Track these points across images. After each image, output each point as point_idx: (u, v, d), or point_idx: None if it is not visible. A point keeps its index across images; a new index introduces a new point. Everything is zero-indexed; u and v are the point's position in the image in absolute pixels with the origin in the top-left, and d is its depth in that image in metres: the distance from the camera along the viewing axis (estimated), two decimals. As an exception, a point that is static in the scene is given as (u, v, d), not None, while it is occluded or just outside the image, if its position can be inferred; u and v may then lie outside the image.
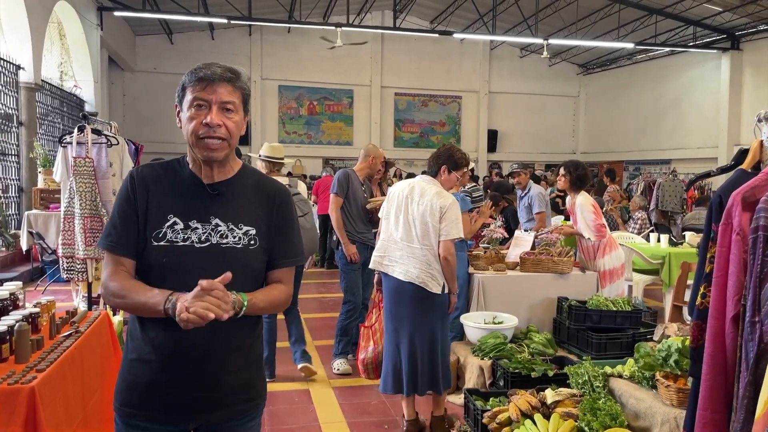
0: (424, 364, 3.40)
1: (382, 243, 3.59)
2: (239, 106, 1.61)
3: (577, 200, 4.87)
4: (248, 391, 1.70)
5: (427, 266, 3.37)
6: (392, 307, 3.51)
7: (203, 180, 1.64)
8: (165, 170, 1.68)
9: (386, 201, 3.65)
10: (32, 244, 7.60)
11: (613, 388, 2.95)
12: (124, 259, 1.60)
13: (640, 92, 18.40)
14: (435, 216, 3.36)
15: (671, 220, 10.48)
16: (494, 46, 19.78)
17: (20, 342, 2.35)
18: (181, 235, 1.59)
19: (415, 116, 19.96)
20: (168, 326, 1.54)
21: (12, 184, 8.91)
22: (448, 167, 3.54)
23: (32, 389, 2.09)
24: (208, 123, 1.54)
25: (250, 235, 1.64)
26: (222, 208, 1.63)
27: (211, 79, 1.55)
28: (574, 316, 4.24)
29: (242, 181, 1.69)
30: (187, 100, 1.57)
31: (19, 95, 8.96)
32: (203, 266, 1.57)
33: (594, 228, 4.71)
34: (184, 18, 14.00)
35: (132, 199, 1.61)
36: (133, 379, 1.63)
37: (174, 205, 1.61)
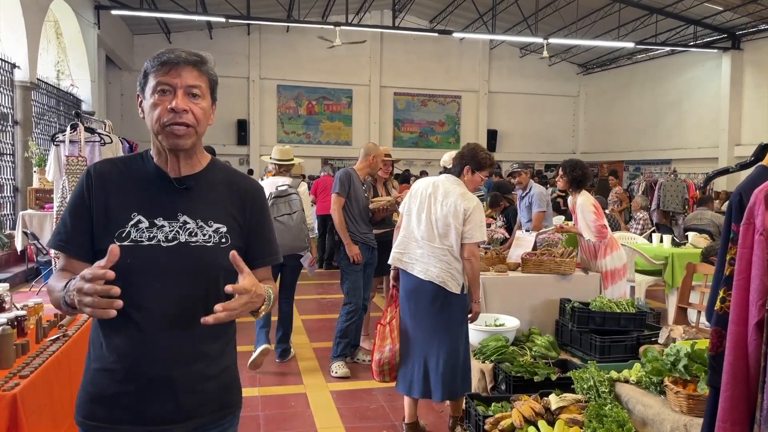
0: (446, 367, 3.32)
1: (402, 239, 3.52)
2: (206, 91, 1.50)
3: (577, 200, 4.78)
4: (222, 398, 1.59)
5: (447, 266, 3.32)
6: (411, 305, 3.44)
7: (169, 174, 1.52)
8: (126, 165, 1.56)
9: (408, 197, 3.58)
10: (27, 244, 7.51)
11: (619, 394, 2.86)
12: (74, 261, 1.48)
13: (640, 92, 18.32)
14: (458, 218, 3.31)
15: (673, 220, 10.40)
16: (494, 45, 19.71)
17: (3, 347, 2.26)
18: (146, 233, 1.47)
19: (414, 116, 19.88)
20: (132, 332, 1.45)
21: (7, 183, 8.81)
22: (471, 168, 3.47)
23: (14, 396, 2.00)
24: (173, 108, 1.43)
25: (221, 232, 1.53)
26: (190, 204, 1.52)
27: (175, 63, 1.45)
28: (577, 318, 4.14)
29: (211, 176, 1.58)
30: (150, 86, 1.46)
31: (14, 94, 8.86)
32: (171, 267, 1.46)
33: (595, 229, 4.62)
34: (182, 17, 13.91)
35: (86, 198, 1.49)
36: (96, 390, 1.50)
37: (137, 201, 1.49)
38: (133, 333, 1.45)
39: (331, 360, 4.66)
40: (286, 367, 4.77)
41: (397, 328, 3.56)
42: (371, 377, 4.53)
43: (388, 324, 3.63)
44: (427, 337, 3.37)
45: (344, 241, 4.55)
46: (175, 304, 1.48)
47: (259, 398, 4.07)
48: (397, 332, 3.55)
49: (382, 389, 4.35)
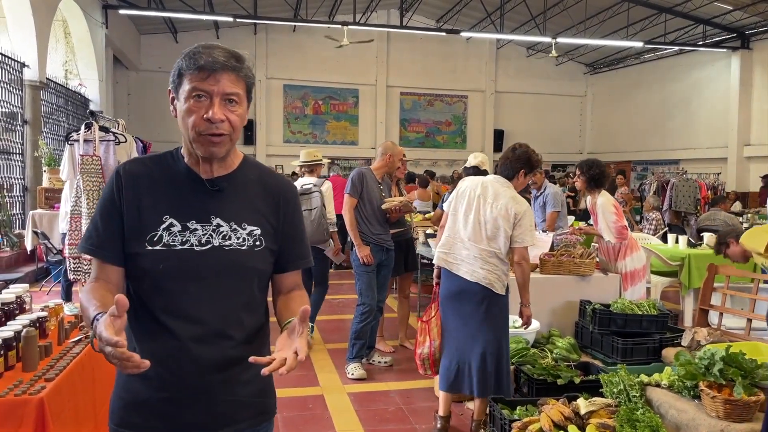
0: (490, 367, 3.31)
1: (447, 239, 3.48)
2: (243, 97, 1.43)
3: (597, 201, 4.71)
4: (258, 404, 1.55)
5: (493, 267, 3.31)
6: (456, 305, 3.42)
7: (201, 175, 1.46)
8: (157, 165, 1.49)
9: (454, 197, 3.55)
10: (37, 244, 7.48)
11: (650, 398, 2.80)
12: (107, 266, 1.44)
13: (648, 92, 18.23)
14: (509, 221, 3.29)
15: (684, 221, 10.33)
16: (501, 45, 19.63)
17: (28, 349, 2.22)
18: (178, 237, 1.41)
19: (420, 116, 19.81)
20: (167, 338, 1.40)
21: (16, 182, 8.79)
22: (525, 171, 3.45)
23: (41, 400, 1.96)
24: (209, 118, 1.36)
25: (254, 235, 1.47)
26: (223, 207, 1.46)
27: (212, 69, 1.36)
28: (599, 320, 4.10)
29: (244, 175, 1.52)
30: (185, 89, 1.38)
31: (23, 93, 8.84)
32: (204, 271, 1.42)
33: (615, 230, 4.56)
34: (189, 16, 13.87)
35: (117, 200, 1.44)
36: (130, 397, 1.46)
37: (169, 204, 1.44)
38: (167, 339, 1.41)
39: (347, 361, 4.61)
40: (302, 368, 4.72)
41: (437, 324, 3.56)
42: (387, 379, 4.53)
43: (427, 321, 3.64)
44: (472, 336, 3.36)
45: (354, 242, 4.50)
46: (209, 309, 1.43)
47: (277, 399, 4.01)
48: (437, 329, 3.55)
49: (399, 391, 4.31)
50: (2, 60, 8.20)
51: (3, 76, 8.25)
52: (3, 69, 8.24)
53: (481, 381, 3.32)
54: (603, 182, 4.82)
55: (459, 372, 3.40)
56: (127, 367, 1.20)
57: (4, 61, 8.26)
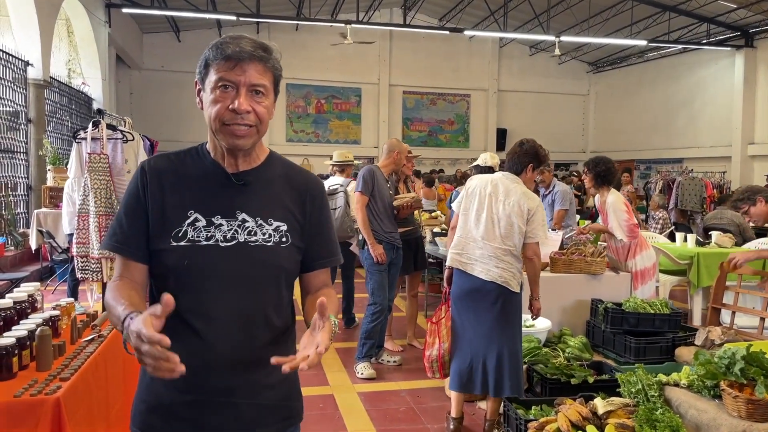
0: (508, 365, 3.29)
1: (459, 240, 3.46)
2: (270, 89, 1.40)
3: (608, 199, 4.67)
4: (284, 409, 1.49)
5: (508, 265, 3.29)
6: (470, 304, 3.39)
7: (227, 169, 1.43)
8: (181, 160, 1.47)
9: (464, 196, 3.52)
10: (42, 243, 7.46)
11: (669, 398, 2.77)
12: (131, 263, 1.41)
13: (652, 90, 18.19)
14: (522, 217, 3.28)
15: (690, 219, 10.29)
16: (503, 44, 19.59)
17: (42, 348, 2.18)
18: (203, 233, 1.38)
19: (423, 115, 19.78)
20: (191, 338, 1.36)
21: (20, 182, 8.77)
22: (533, 165, 3.43)
23: (57, 400, 1.92)
24: (235, 109, 1.34)
25: (281, 231, 1.43)
26: (249, 202, 1.43)
27: (239, 58, 1.34)
28: (611, 319, 4.07)
29: (270, 171, 1.49)
30: (211, 80, 1.36)
31: (27, 92, 8.81)
32: (230, 268, 1.38)
33: (627, 228, 4.52)
34: (192, 15, 13.83)
35: (141, 196, 1.41)
36: (154, 400, 1.42)
37: (194, 199, 1.41)
38: (191, 339, 1.36)
39: (356, 361, 4.58)
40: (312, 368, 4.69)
41: (447, 326, 3.52)
42: (397, 378, 4.50)
43: (437, 322, 3.62)
44: (486, 335, 3.33)
45: (368, 240, 4.47)
46: (235, 308, 1.39)
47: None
48: (447, 331, 3.52)
49: (409, 390, 4.28)
50: (6, 58, 8.17)
51: (7, 75, 8.23)
52: (7, 67, 8.22)
53: (498, 380, 3.30)
54: (610, 179, 4.78)
55: (473, 372, 3.38)
56: (162, 368, 1.14)
57: (8, 60, 8.24)
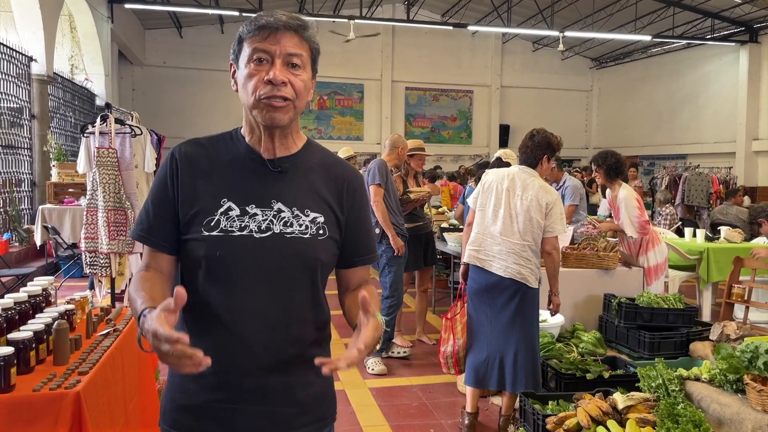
0: (525, 360, 3.27)
1: (476, 236, 3.41)
2: (307, 61, 1.34)
3: (619, 194, 4.60)
4: (319, 409, 1.42)
5: (526, 261, 3.25)
6: (487, 300, 3.36)
7: (263, 154, 1.36)
8: (214, 145, 1.39)
9: (480, 192, 3.46)
10: (47, 238, 7.43)
11: (690, 392, 2.74)
12: (158, 254, 1.35)
13: (655, 86, 18.13)
14: (541, 212, 3.24)
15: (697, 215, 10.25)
16: (506, 39, 19.53)
17: (59, 342, 2.16)
18: (237, 222, 1.31)
19: (426, 111, 19.72)
20: (223, 333, 1.30)
21: (24, 177, 8.73)
22: (548, 156, 3.38)
23: (77, 394, 1.89)
24: (270, 80, 1.27)
25: (318, 223, 1.36)
26: (285, 190, 1.35)
27: (274, 27, 1.28)
28: (624, 314, 4.04)
29: (308, 158, 1.41)
30: (245, 54, 1.30)
31: (31, 87, 8.77)
32: (264, 260, 1.30)
33: (638, 225, 4.47)
34: (194, 11, 13.79)
35: (170, 184, 1.34)
36: (184, 399, 1.35)
37: (228, 187, 1.33)
38: (223, 334, 1.30)
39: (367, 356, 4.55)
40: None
41: (462, 322, 3.49)
42: (408, 374, 4.48)
43: (451, 318, 3.59)
44: (503, 331, 3.31)
45: (389, 233, 4.41)
46: (269, 302, 1.32)
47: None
48: (461, 327, 3.49)
49: (420, 386, 4.26)
50: (10, 54, 8.13)
51: (11, 70, 8.19)
52: (11, 63, 8.18)
53: (514, 376, 3.28)
54: (622, 170, 4.72)
55: (489, 367, 3.35)
56: (186, 365, 1.09)
57: (12, 55, 8.20)
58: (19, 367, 1.98)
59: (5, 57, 7.99)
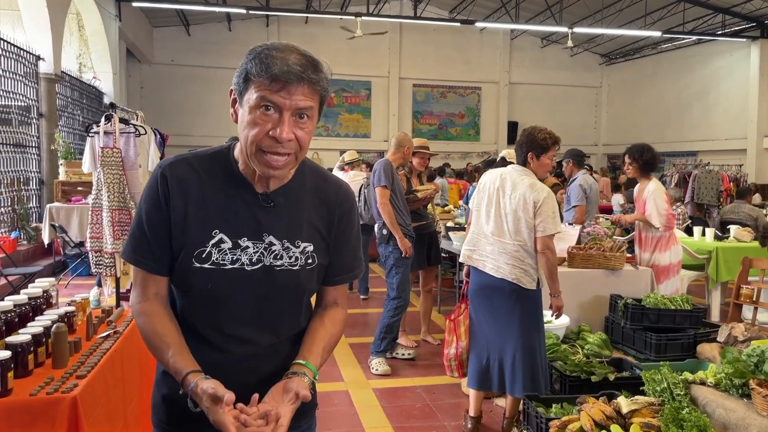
0: (522, 363, 3.21)
1: (472, 236, 3.40)
2: (316, 111, 1.27)
3: (649, 186, 4.60)
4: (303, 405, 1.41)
5: (519, 262, 3.19)
6: (484, 301, 3.33)
7: (256, 188, 1.34)
8: (206, 169, 1.34)
9: (477, 192, 3.45)
10: (54, 237, 7.47)
11: (695, 397, 2.70)
12: (156, 278, 1.35)
13: (665, 83, 17.97)
14: (528, 211, 3.17)
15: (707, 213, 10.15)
16: (515, 36, 19.42)
17: (58, 345, 2.15)
18: (229, 255, 1.30)
19: (433, 108, 19.66)
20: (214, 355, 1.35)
21: (32, 176, 8.78)
22: (534, 153, 3.28)
23: (74, 399, 1.89)
24: (276, 137, 1.21)
25: (307, 252, 1.37)
26: (277, 223, 1.34)
27: (287, 80, 1.19)
28: (631, 315, 3.99)
29: (300, 186, 1.39)
30: (251, 98, 1.21)
31: (39, 86, 8.80)
32: (254, 292, 1.34)
33: (666, 217, 4.45)
34: (202, 8, 13.81)
35: (164, 208, 1.31)
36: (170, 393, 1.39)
37: (219, 218, 1.31)
38: (215, 356, 1.35)
39: (372, 355, 4.54)
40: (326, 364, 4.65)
41: (464, 324, 3.47)
42: (411, 375, 4.45)
43: (454, 320, 3.56)
44: (501, 333, 3.27)
45: (396, 235, 4.39)
46: (259, 329, 1.37)
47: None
48: (464, 328, 3.46)
49: (424, 387, 4.23)
50: (18, 53, 8.16)
51: (18, 69, 8.22)
52: (18, 62, 8.21)
53: (512, 379, 3.24)
54: (655, 166, 4.73)
55: (490, 370, 3.32)
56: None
57: (20, 54, 8.23)
58: (18, 371, 1.98)
59: (13, 56, 8.02)
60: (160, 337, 1.31)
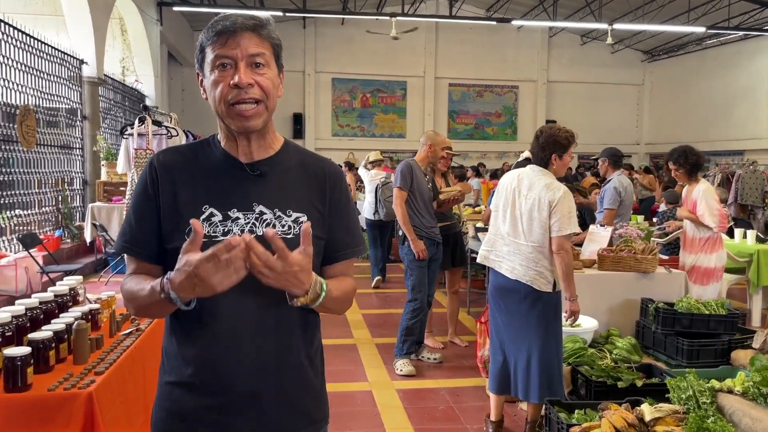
0: (538, 368, 3.16)
1: (489, 237, 3.38)
2: (270, 58, 1.33)
3: (699, 187, 4.51)
4: (312, 412, 1.43)
5: (534, 263, 3.13)
6: (499, 303, 3.30)
7: (240, 159, 1.36)
8: (193, 152, 1.41)
9: (495, 193, 3.43)
10: (96, 236, 7.72)
11: (722, 405, 2.60)
12: (145, 265, 1.36)
13: (710, 79, 17.37)
14: (543, 211, 3.11)
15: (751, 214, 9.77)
16: (553, 33, 19.10)
17: (79, 342, 2.22)
18: (220, 228, 1.32)
19: (469, 107, 19.52)
20: (210, 340, 1.31)
21: (76, 176, 9.09)
22: (558, 154, 3.24)
23: (90, 394, 1.95)
24: (237, 83, 1.27)
25: (300, 222, 1.36)
26: (266, 193, 1.36)
27: (232, 31, 1.28)
28: (662, 320, 3.87)
29: (286, 159, 1.42)
30: (208, 61, 1.30)
31: (82, 90, 9.11)
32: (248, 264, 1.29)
33: (719, 217, 4.34)
34: (240, 11, 14.04)
35: (151, 193, 1.35)
36: (175, 407, 1.35)
37: (208, 192, 1.34)
38: (210, 341, 1.31)
39: (396, 357, 4.53)
40: (350, 363, 4.68)
41: None
42: (437, 376, 4.43)
43: (486, 322, 3.55)
44: (517, 336, 3.23)
45: (409, 236, 4.39)
46: (255, 306, 1.32)
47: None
48: None
49: (449, 389, 4.20)
50: (62, 57, 8.46)
51: (63, 73, 8.53)
52: (63, 66, 8.51)
53: (527, 383, 3.18)
54: (702, 166, 4.63)
55: (507, 373, 3.29)
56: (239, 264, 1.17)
57: (64, 59, 8.53)
58: (39, 366, 2.05)
59: (57, 60, 8.32)
60: (141, 283, 1.30)
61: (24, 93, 7.29)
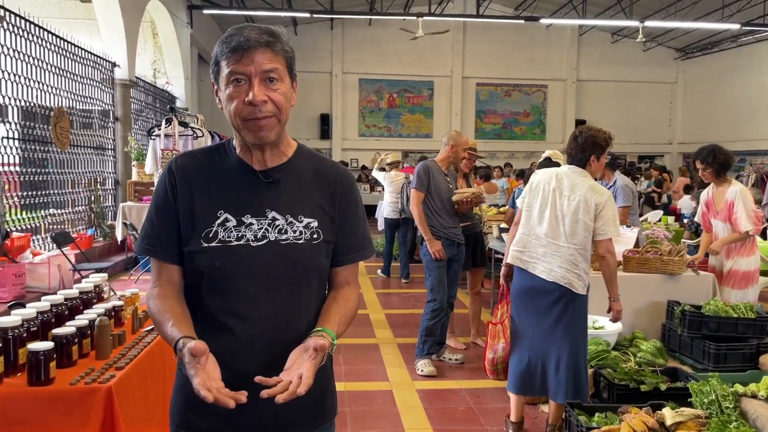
0: (566, 369, 3.14)
1: (521, 237, 3.31)
2: (284, 73, 1.37)
3: (734, 188, 4.34)
4: (320, 406, 1.49)
5: (573, 266, 3.11)
6: (529, 303, 3.26)
7: (254, 166, 1.42)
8: (209, 158, 1.46)
9: (527, 191, 3.37)
10: (127, 234, 7.89)
11: (745, 410, 2.54)
12: (167, 266, 1.43)
13: (746, 77, 16.91)
14: (590, 213, 3.08)
15: (788, 216, 9.46)
16: (583, 31, 18.82)
17: (101, 337, 2.28)
18: (234, 233, 1.38)
19: (497, 107, 19.37)
20: (227, 337, 1.37)
21: (109, 176, 9.31)
22: (596, 155, 3.22)
23: (109, 389, 2.00)
24: (251, 101, 1.31)
25: (312, 228, 1.42)
26: (279, 199, 1.41)
27: (245, 47, 1.31)
28: (688, 323, 3.80)
29: (299, 165, 1.47)
30: (223, 75, 1.34)
31: (114, 92, 9.32)
32: (261, 267, 1.38)
33: (756, 218, 4.22)
34: (268, 14, 14.19)
35: (171, 197, 1.41)
36: (191, 397, 1.38)
37: (223, 198, 1.40)
38: (228, 339, 1.38)
39: (417, 358, 4.53)
40: (371, 363, 4.70)
41: (509, 326, 3.42)
42: (458, 377, 4.41)
43: (500, 323, 3.51)
44: (546, 337, 3.20)
45: (425, 236, 4.38)
46: (269, 307, 1.39)
47: (345, 393, 4.01)
48: (510, 331, 3.42)
49: (470, 390, 4.18)
50: (95, 60, 8.68)
51: (96, 76, 8.74)
52: (96, 69, 8.73)
53: (555, 384, 3.16)
54: (731, 165, 4.48)
55: (531, 373, 3.25)
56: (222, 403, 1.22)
57: (97, 62, 8.75)
58: (62, 361, 2.11)
59: (90, 63, 8.53)
60: (163, 314, 1.36)
61: (58, 95, 7.50)
